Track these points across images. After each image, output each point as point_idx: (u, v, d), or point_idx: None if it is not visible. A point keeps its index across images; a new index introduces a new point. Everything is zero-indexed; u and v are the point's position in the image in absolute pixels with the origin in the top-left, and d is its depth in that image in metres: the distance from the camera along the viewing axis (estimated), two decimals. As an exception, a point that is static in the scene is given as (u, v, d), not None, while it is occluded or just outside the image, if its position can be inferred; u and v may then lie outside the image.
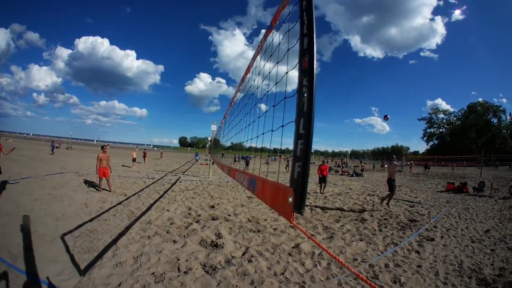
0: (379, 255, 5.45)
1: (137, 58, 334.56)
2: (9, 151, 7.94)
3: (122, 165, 24.88)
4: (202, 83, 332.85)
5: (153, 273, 4.27)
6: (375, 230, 6.95)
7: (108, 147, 11.99)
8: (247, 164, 27.00)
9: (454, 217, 8.97)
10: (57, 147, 46.10)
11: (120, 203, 8.95)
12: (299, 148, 1.53)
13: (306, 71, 1.57)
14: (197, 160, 42.10)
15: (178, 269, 4.48)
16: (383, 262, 5.09)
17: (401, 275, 4.52)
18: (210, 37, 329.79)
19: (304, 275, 4.47)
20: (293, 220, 1.47)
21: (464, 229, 7.50)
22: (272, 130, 2.47)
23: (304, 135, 1.51)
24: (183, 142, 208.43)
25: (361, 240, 6.25)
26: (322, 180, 14.09)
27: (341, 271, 4.67)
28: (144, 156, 29.68)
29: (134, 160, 24.87)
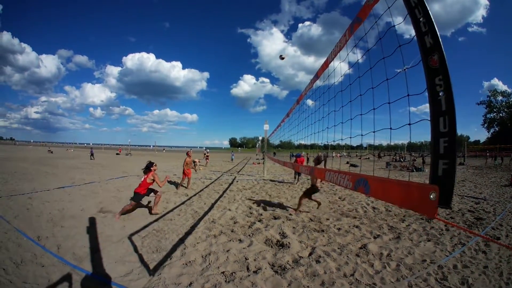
0: (447, 255, 5.17)
1: (183, 68, 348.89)
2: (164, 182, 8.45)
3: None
4: (246, 84, 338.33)
5: (223, 272, 4.32)
6: (442, 230, 6.61)
7: (188, 154, 13.21)
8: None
9: (519, 214, 8.33)
10: (117, 154, 48.97)
11: (183, 203, 9.23)
12: (442, 146, 1.56)
13: (438, 70, 1.58)
14: (232, 159, 42.24)
15: (248, 268, 4.51)
16: (451, 263, 4.84)
17: (469, 276, 4.31)
18: (248, 40, 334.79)
19: (374, 277, 4.34)
20: (436, 215, 1.49)
21: (527, 226, 6.97)
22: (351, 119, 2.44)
23: (447, 133, 1.54)
24: (233, 143, 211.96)
25: (429, 241, 5.96)
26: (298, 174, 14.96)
27: (411, 272, 4.50)
28: (207, 158, 30.48)
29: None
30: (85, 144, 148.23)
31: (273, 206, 9.25)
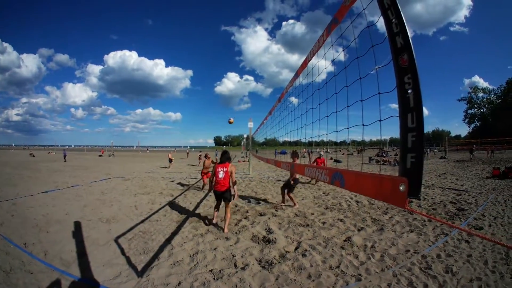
0: (430, 245, 5.33)
1: (166, 66, 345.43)
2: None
3: (160, 166, 25.65)
4: (230, 82, 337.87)
5: (211, 270, 4.36)
6: (424, 221, 6.78)
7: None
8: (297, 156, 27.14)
9: (501, 205, 8.59)
10: (100, 155, 48.33)
11: (168, 204, 9.19)
12: (410, 141, 1.65)
13: (406, 69, 1.67)
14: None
15: (235, 265, 4.55)
16: (434, 252, 4.99)
17: (453, 265, 4.45)
18: (232, 37, 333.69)
19: (359, 268, 4.45)
20: (407, 205, 1.56)
21: (510, 216, 7.19)
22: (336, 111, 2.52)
23: (415, 128, 1.63)
24: (218, 141, 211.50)
25: (412, 231, 6.12)
26: None
27: (395, 262, 4.62)
28: (199, 158, 30.44)
29: (170, 161, 25.64)
30: (67, 146, 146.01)
31: (259, 203, 9.34)
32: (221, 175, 6.44)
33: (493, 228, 6.33)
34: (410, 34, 1.66)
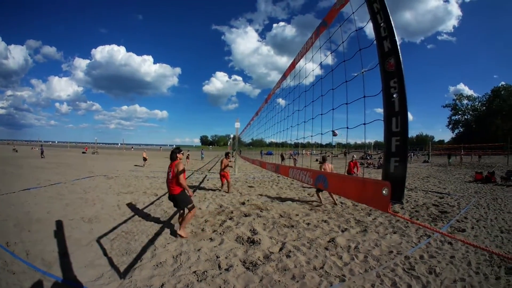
0: (413, 247, 5.40)
1: (154, 63, 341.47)
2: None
3: (135, 165, 25.56)
4: (219, 82, 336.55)
5: (194, 272, 4.31)
6: (407, 223, 6.87)
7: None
8: (282, 159, 27.23)
9: (483, 208, 8.82)
10: (83, 152, 47.62)
11: (152, 203, 9.10)
12: (394, 145, 1.66)
13: (393, 73, 1.67)
14: (202, 158, 41.77)
15: (219, 266, 4.52)
16: (417, 253, 5.06)
17: (436, 266, 4.52)
18: (222, 37, 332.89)
19: (343, 269, 4.48)
20: (389, 210, 1.55)
21: (493, 219, 7.39)
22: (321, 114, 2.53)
23: (399, 133, 1.63)
24: (204, 141, 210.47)
25: (395, 233, 6.20)
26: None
27: (378, 263, 4.67)
28: (187, 158, 29.96)
29: (145, 159, 25.80)
30: (50, 142, 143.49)
31: (244, 203, 9.33)
32: (169, 176, 6.12)
33: (476, 230, 6.47)
34: (398, 39, 1.66)
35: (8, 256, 4.77)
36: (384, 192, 1.56)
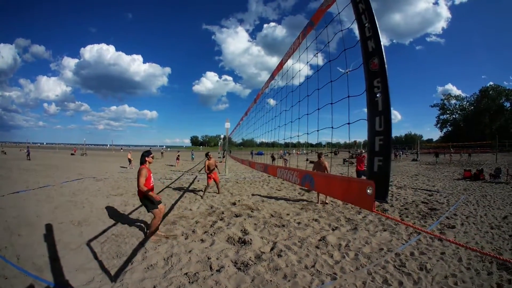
0: (403, 244, 5.47)
1: (144, 62, 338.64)
2: None
3: (120, 166, 25.42)
4: (209, 82, 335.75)
5: (186, 274, 4.31)
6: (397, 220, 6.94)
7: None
8: (273, 159, 27.21)
9: (473, 205, 8.95)
10: (72, 154, 47.09)
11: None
12: (377, 144, 1.67)
13: (377, 73, 1.68)
14: (192, 159, 41.32)
15: (210, 267, 4.52)
16: (408, 250, 5.13)
17: (427, 262, 4.58)
18: (213, 37, 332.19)
19: (334, 267, 4.52)
20: (374, 209, 1.56)
21: (483, 216, 7.50)
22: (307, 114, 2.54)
23: (383, 132, 1.64)
24: (194, 141, 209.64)
25: (385, 230, 6.26)
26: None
27: (369, 261, 4.71)
28: (177, 159, 29.66)
29: (130, 161, 25.46)
30: (39, 144, 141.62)
31: (235, 203, 9.33)
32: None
33: (466, 226, 6.56)
34: (382, 39, 1.68)
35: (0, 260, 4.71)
36: (368, 191, 1.58)
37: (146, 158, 5.94)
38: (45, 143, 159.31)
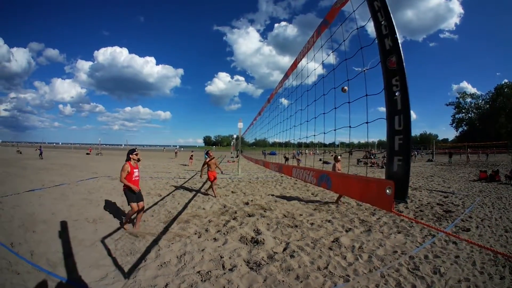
0: (418, 247, 5.39)
1: (157, 64, 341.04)
2: None
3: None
4: (221, 82, 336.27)
5: (198, 272, 4.33)
6: (411, 222, 6.85)
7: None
8: (286, 160, 27.12)
9: (488, 207, 8.77)
10: (87, 154, 47.75)
11: (156, 204, 9.10)
12: (397, 143, 1.66)
13: (395, 71, 1.65)
14: (206, 158, 41.26)
15: (223, 266, 4.53)
16: (422, 253, 5.05)
17: (441, 266, 4.51)
18: (224, 37, 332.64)
19: (347, 269, 4.48)
20: (393, 209, 1.54)
21: (498, 218, 7.35)
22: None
23: (402, 131, 1.63)
24: (207, 141, 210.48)
25: (399, 233, 6.18)
26: None
27: (383, 263, 4.66)
28: (191, 158, 29.76)
29: (138, 160, 25.09)
30: (54, 144, 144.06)
31: (248, 203, 9.33)
32: None
33: (481, 229, 6.43)
34: (399, 37, 1.65)
35: (12, 256, 4.77)
36: (387, 191, 1.55)
37: (131, 156, 6.61)
38: (60, 143, 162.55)
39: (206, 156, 11.71)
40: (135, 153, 6.72)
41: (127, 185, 6.34)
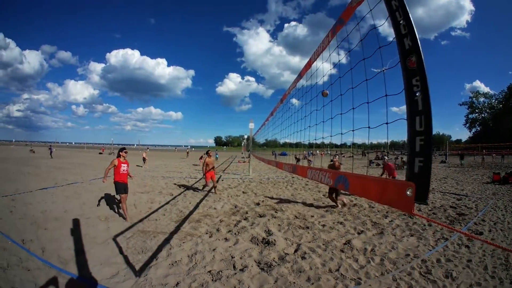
0: (430, 250, 5.31)
1: (168, 65, 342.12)
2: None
3: (136, 165, 25.43)
4: (232, 83, 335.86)
5: (209, 271, 4.34)
6: (424, 225, 6.76)
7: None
8: (298, 161, 27.04)
9: (501, 210, 8.59)
10: (100, 153, 48.40)
11: (168, 203, 9.17)
12: (418, 144, 1.63)
13: (415, 71, 1.65)
14: (216, 158, 41.40)
15: (234, 266, 4.53)
16: (434, 257, 4.97)
17: (453, 270, 4.43)
18: (234, 38, 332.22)
19: (358, 271, 4.43)
20: (413, 211, 1.54)
21: (510, 222, 7.18)
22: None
23: (424, 132, 1.61)
24: (218, 142, 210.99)
25: (412, 236, 6.10)
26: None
27: (395, 266, 4.60)
28: (201, 158, 29.69)
29: (144, 160, 25.80)
30: (67, 144, 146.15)
31: (259, 204, 9.32)
32: None
33: (493, 233, 6.31)
34: (418, 36, 1.63)
35: (23, 253, 4.86)
36: (408, 193, 1.54)
37: (120, 153, 7.79)
38: (73, 143, 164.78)
39: (206, 156, 12.11)
40: (124, 151, 7.88)
41: (106, 173, 7.60)
